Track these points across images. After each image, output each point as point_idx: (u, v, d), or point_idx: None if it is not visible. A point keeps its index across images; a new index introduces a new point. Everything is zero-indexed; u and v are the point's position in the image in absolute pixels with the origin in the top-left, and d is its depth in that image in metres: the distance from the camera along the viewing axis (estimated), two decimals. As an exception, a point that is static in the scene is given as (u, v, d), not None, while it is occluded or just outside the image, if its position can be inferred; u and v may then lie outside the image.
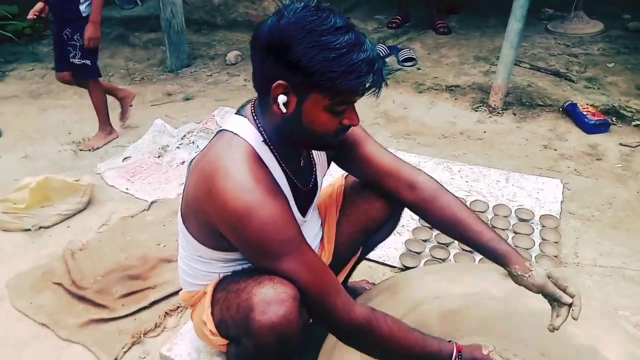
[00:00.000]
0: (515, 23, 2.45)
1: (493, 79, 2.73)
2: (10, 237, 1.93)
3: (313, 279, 0.98)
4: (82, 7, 2.28)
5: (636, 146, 2.30)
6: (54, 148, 2.58)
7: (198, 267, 1.13)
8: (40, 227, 1.97)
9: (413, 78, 3.06)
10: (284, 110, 0.94)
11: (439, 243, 1.77)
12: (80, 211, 2.04)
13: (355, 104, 0.98)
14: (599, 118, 2.43)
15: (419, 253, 1.73)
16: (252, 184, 0.94)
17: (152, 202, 2.05)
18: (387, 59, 3.31)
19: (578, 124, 2.48)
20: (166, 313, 1.53)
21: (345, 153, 1.20)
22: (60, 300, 1.61)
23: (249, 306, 0.95)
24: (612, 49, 3.26)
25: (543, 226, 1.83)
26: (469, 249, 1.67)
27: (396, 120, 2.67)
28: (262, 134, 1.01)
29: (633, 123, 2.46)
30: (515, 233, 1.80)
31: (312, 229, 1.26)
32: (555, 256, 1.69)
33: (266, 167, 1.01)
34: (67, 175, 2.13)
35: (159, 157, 2.35)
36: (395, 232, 1.44)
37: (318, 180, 1.19)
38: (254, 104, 1.04)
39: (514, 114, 2.64)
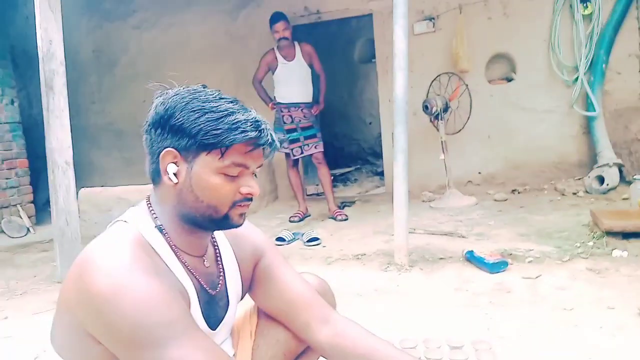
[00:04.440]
0: (400, 185, 2.72)
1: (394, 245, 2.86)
2: None
3: None
4: None
5: (537, 277, 2.42)
6: None
7: None
8: None
9: (320, 254, 3.11)
10: (175, 180, 0.88)
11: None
12: None
13: (254, 175, 0.94)
14: (497, 257, 2.57)
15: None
16: (127, 262, 0.80)
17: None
18: (293, 243, 3.39)
19: (480, 267, 2.58)
20: None
21: (259, 276, 1.09)
22: None
23: None
24: (488, 214, 3.69)
25: (476, 350, 1.73)
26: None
27: (309, 290, 2.58)
28: (154, 221, 0.92)
29: (527, 260, 2.63)
30: (452, 361, 1.67)
31: None
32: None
33: (157, 254, 0.89)
34: None
35: None
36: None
37: (229, 292, 1.04)
38: (149, 196, 0.97)
39: (421, 269, 2.70)
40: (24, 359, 2.02)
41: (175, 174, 0.89)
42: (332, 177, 5.66)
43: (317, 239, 3.34)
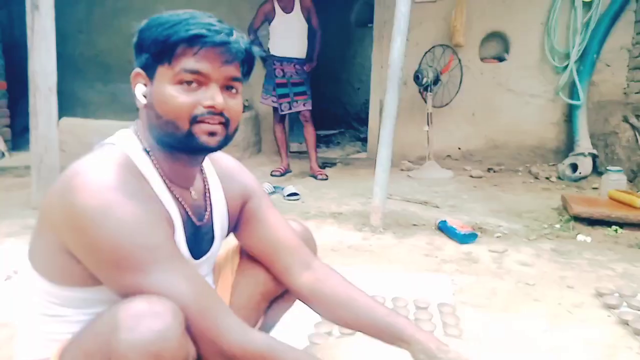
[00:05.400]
0: (384, 149, 2.77)
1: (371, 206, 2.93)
2: None
3: (193, 292, 0.79)
4: None
5: (503, 251, 2.53)
6: None
7: (45, 328, 0.86)
8: None
9: (298, 209, 3.17)
10: (144, 102, 0.87)
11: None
12: None
13: (232, 91, 0.89)
14: (468, 229, 2.67)
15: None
16: (114, 183, 0.79)
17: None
18: (273, 195, 3.43)
19: (451, 237, 2.68)
20: None
21: (246, 216, 1.09)
22: None
23: (113, 325, 0.72)
24: (463, 188, 3.80)
25: (441, 312, 1.83)
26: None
27: (285, 241, 2.65)
28: (141, 143, 0.90)
29: (495, 235, 2.75)
30: (417, 319, 1.76)
31: None
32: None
33: (144, 178, 0.87)
34: None
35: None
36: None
37: (215, 227, 1.04)
38: (137, 121, 0.95)
39: (394, 233, 2.79)
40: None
41: (145, 96, 0.88)
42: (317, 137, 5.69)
43: (296, 194, 3.39)
